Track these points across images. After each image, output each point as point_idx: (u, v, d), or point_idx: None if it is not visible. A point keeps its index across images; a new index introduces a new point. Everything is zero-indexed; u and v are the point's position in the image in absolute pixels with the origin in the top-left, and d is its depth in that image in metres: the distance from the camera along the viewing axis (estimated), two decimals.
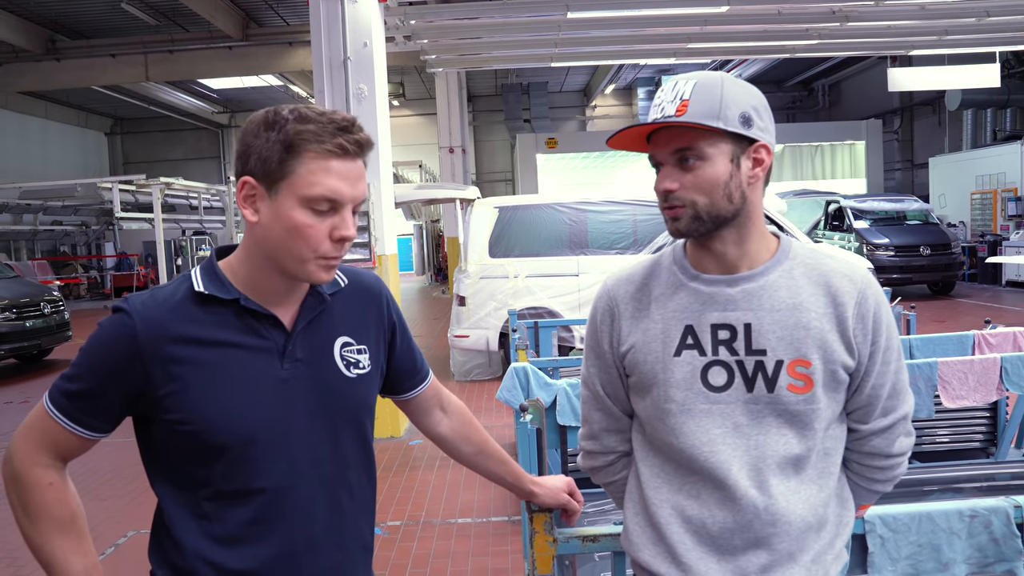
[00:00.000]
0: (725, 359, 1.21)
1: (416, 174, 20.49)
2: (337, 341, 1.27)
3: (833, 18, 9.16)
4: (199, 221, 20.42)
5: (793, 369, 1.18)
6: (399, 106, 23.72)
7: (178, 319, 1.16)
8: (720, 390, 1.21)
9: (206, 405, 1.15)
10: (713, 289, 1.23)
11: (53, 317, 9.90)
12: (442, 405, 1.50)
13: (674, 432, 1.23)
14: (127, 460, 5.41)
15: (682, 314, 1.24)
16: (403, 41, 9.35)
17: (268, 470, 1.19)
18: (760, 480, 1.19)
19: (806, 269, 1.23)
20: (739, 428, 1.20)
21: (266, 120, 1.14)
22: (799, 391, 1.18)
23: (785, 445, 1.19)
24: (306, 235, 1.13)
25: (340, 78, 5.66)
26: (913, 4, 8.72)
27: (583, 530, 1.53)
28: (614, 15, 9.24)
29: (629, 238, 7.55)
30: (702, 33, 9.85)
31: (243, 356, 1.18)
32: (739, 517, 1.20)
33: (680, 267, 1.28)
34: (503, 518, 4.17)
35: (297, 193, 1.12)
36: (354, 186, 1.15)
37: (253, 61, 15.94)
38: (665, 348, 1.24)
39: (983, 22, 9.30)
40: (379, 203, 5.76)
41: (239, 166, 1.17)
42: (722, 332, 1.21)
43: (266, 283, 1.20)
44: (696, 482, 1.23)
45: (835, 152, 19.57)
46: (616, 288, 1.34)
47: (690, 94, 1.18)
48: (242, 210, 1.15)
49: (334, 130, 1.13)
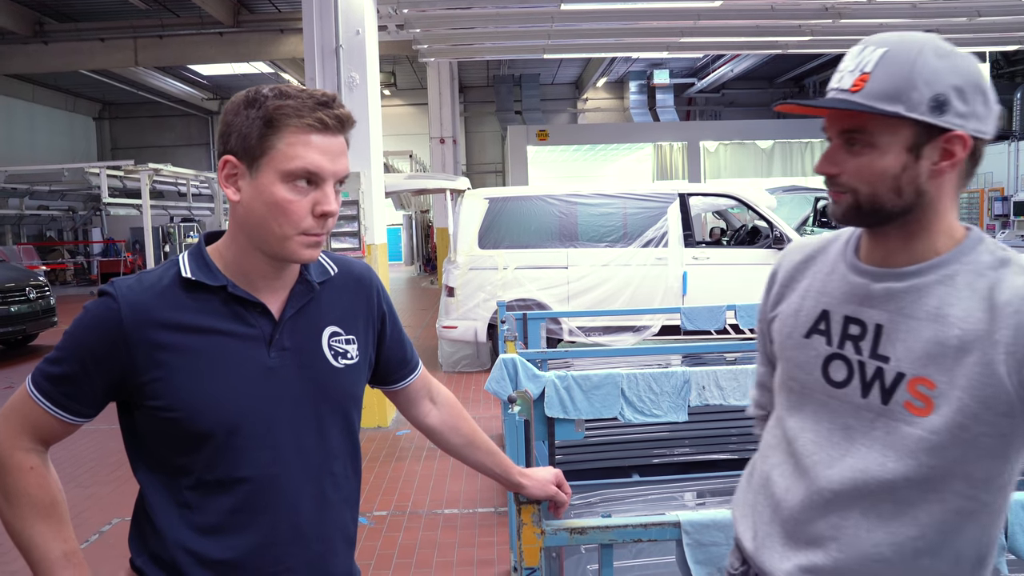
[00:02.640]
0: (848, 355, 1.11)
1: (407, 164, 20.41)
2: (325, 330, 1.25)
3: (826, 15, 9.17)
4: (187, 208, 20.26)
5: (914, 387, 1.03)
6: (390, 96, 23.60)
7: (164, 304, 1.15)
8: (838, 386, 1.12)
9: (191, 392, 1.14)
10: (858, 280, 1.12)
11: (38, 302, 9.82)
12: (431, 396, 1.49)
13: (791, 411, 1.19)
14: (111, 447, 5.39)
15: (823, 297, 1.16)
16: (395, 30, 9.30)
17: (252, 459, 1.17)
18: (845, 488, 1.08)
19: (975, 279, 1.03)
20: (848, 432, 1.10)
21: (247, 98, 1.13)
22: (918, 412, 1.03)
23: (883, 470, 1.05)
24: (287, 210, 1.12)
25: (332, 66, 5.62)
26: (905, 3, 8.75)
27: (571, 522, 1.53)
28: (607, 7, 9.22)
29: (619, 231, 7.55)
30: (695, 27, 9.84)
31: (229, 344, 1.17)
32: (814, 512, 1.12)
33: (848, 248, 1.18)
34: (490, 509, 4.18)
35: (277, 168, 1.11)
36: (335, 161, 1.14)
37: (244, 48, 15.80)
38: (799, 327, 1.18)
39: (974, 22, 9.34)
40: (369, 193, 5.74)
41: (221, 146, 1.16)
42: (853, 327, 1.12)
43: (253, 268, 1.19)
44: (793, 463, 1.16)
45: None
46: (786, 255, 1.28)
47: (873, 66, 1.01)
48: (224, 190, 1.15)
49: (314, 104, 1.12)
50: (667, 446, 3.73)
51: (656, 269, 7.43)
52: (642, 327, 7.30)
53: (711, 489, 3.42)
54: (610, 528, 1.57)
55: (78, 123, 24.24)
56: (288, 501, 1.20)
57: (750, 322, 5.94)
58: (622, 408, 3.03)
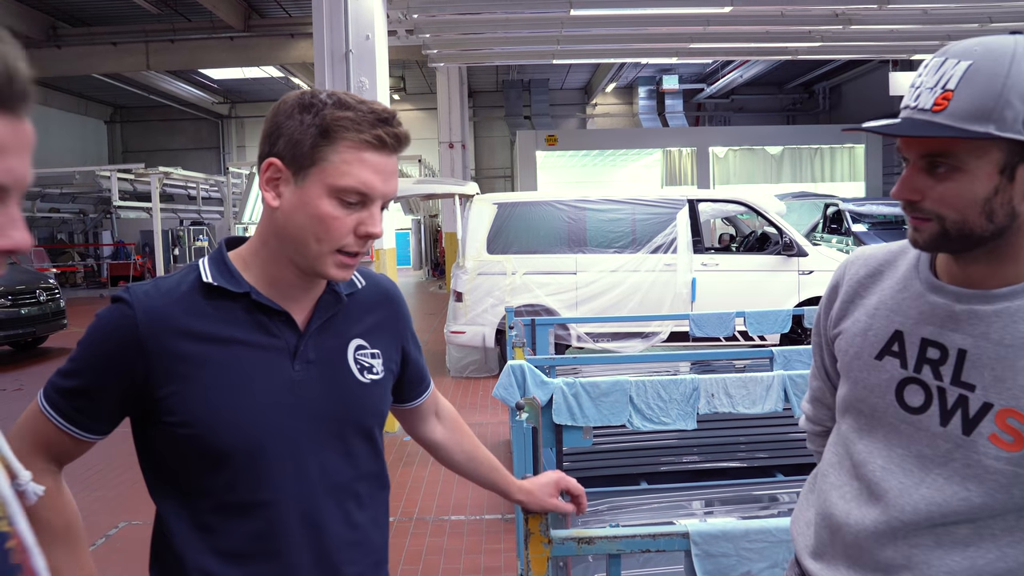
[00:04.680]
0: (927, 380, 1.04)
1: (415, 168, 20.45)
2: (351, 343, 1.19)
3: (836, 21, 9.14)
4: (197, 211, 20.38)
5: (1003, 420, 0.97)
6: (400, 100, 23.67)
7: (183, 311, 1.09)
8: (913, 411, 1.05)
9: (210, 407, 1.07)
10: (938, 300, 1.04)
11: (48, 305, 9.87)
12: (437, 411, 1.44)
13: (860, 434, 1.13)
14: (120, 450, 5.40)
15: (896, 316, 1.08)
16: (405, 35, 9.33)
17: (275, 480, 1.11)
18: (919, 518, 1.03)
19: None
20: (922, 460, 1.04)
21: (301, 102, 1.07)
22: (1005, 446, 0.96)
23: (964, 503, 1.00)
24: (330, 226, 1.06)
25: (342, 71, 5.64)
26: (916, 9, 8.72)
27: (578, 532, 1.52)
28: (617, 13, 9.22)
29: (628, 237, 7.54)
30: (704, 33, 9.83)
31: (252, 355, 1.10)
32: (884, 539, 1.07)
33: (921, 262, 1.09)
34: (496, 516, 4.17)
35: (327, 181, 1.05)
36: (386, 182, 1.08)
37: (255, 52, 15.90)
38: (869, 347, 1.11)
39: (985, 28, 9.29)
40: None
41: (265, 147, 1.09)
42: (932, 350, 1.04)
43: (280, 276, 1.13)
44: (857, 487, 1.11)
45: (834, 155, 19.56)
46: (849, 266, 1.19)
47: (957, 81, 0.91)
48: (263, 192, 1.08)
49: (374, 120, 1.06)
50: (675, 454, 3.71)
51: (665, 275, 7.41)
52: (651, 333, 7.28)
53: (720, 497, 3.40)
54: (618, 538, 1.56)
55: (90, 126, 24.41)
56: (313, 524, 1.13)
57: (759, 329, 5.92)
58: (630, 415, 3.01)
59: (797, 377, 3.08)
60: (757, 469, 3.64)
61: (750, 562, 1.55)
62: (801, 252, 7.46)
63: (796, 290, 7.42)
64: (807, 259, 7.45)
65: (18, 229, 0.59)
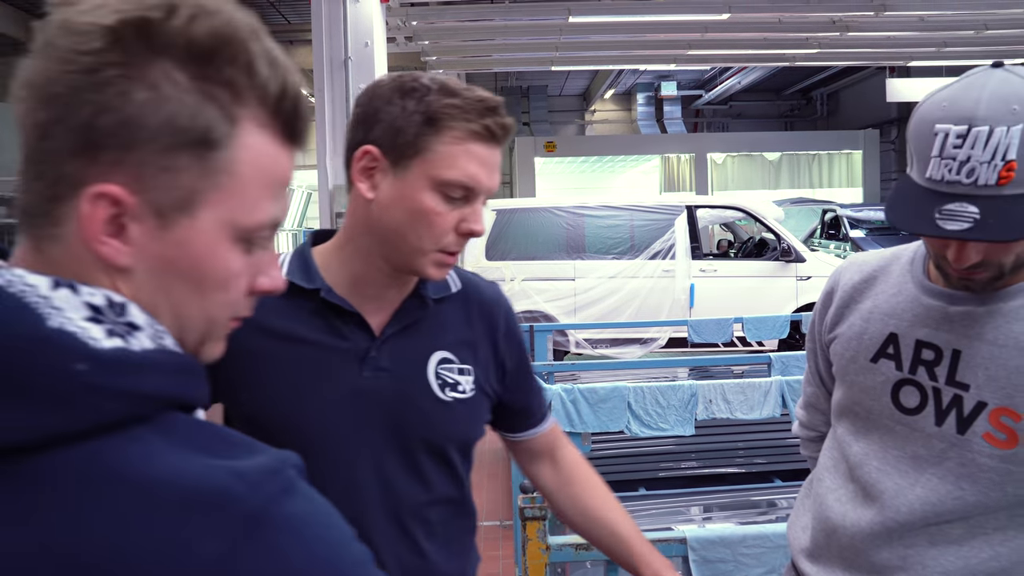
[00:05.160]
0: (921, 381, 1.06)
1: None
2: (434, 355, 1.07)
3: (833, 28, 9.18)
4: None
5: (997, 418, 0.99)
6: None
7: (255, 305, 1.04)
8: (909, 412, 1.07)
9: (268, 405, 1.03)
10: (933, 302, 1.06)
11: None
12: (554, 454, 1.25)
13: (856, 436, 1.15)
14: None
15: (891, 319, 1.10)
16: (404, 42, 9.36)
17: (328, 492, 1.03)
18: (915, 518, 1.05)
19: None
20: (917, 461, 1.06)
21: (402, 86, 0.98)
22: (999, 444, 0.99)
23: (959, 502, 1.03)
24: (432, 222, 0.98)
25: (340, 78, 5.66)
26: (912, 16, 8.76)
27: (576, 538, 1.53)
28: (615, 20, 9.26)
29: (626, 243, 7.56)
30: (702, 40, 9.87)
31: (317, 356, 1.03)
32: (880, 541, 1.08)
33: (914, 267, 1.11)
34: (495, 523, 4.16)
35: (430, 173, 0.96)
36: (491, 176, 1.00)
37: None
38: (864, 350, 1.12)
39: (981, 35, 9.33)
40: None
41: (359, 133, 1.00)
42: (926, 351, 1.06)
43: (364, 275, 1.04)
44: (854, 490, 1.13)
45: (832, 161, 19.62)
46: (843, 272, 1.21)
47: (1019, 149, 0.88)
48: (356, 183, 1.00)
49: (483, 109, 0.97)
50: (674, 460, 3.71)
51: (663, 281, 7.42)
52: (649, 339, 7.29)
53: (718, 503, 3.40)
54: None
55: None
56: (374, 550, 1.05)
57: (757, 335, 5.93)
58: (629, 421, 3.02)
59: (795, 383, 3.09)
60: (755, 474, 3.65)
61: (747, 567, 1.56)
62: (799, 258, 7.48)
63: (794, 296, 7.43)
64: (805, 265, 7.46)
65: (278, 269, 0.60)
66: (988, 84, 0.91)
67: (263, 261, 0.57)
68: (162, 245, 0.50)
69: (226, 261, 0.53)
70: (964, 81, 0.94)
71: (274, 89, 0.53)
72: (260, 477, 0.47)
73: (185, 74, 0.49)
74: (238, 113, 0.51)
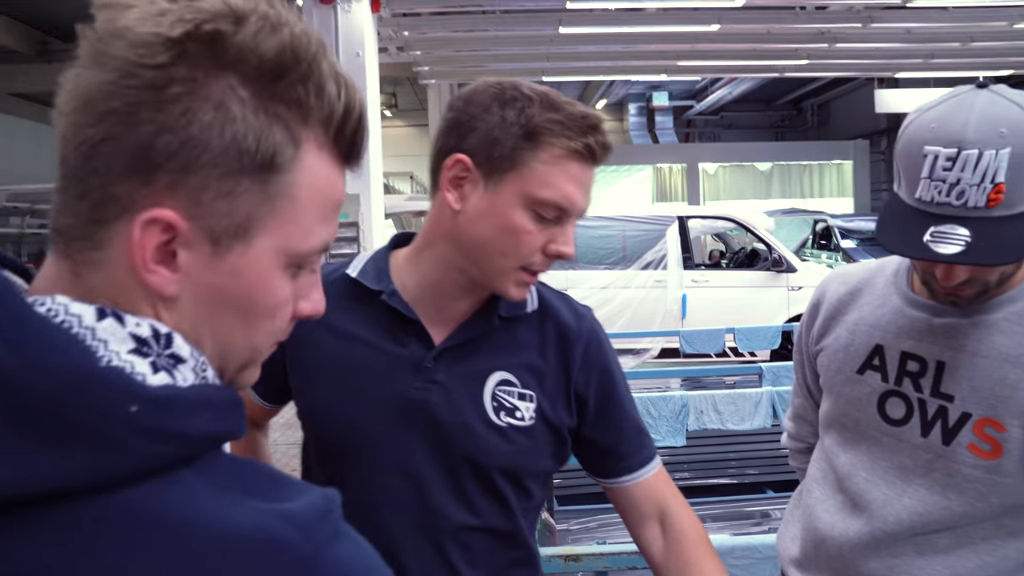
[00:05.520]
0: (907, 392, 1.07)
1: (407, 185, 20.53)
2: (493, 375, 1.01)
3: (822, 39, 9.26)
4: None
5: (981, 429, 1.00)
6: (391, 116, 23.76)
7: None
8: (895, 423, 1.08)
9: (320, 401, 1.02)
10: (916, 314, 1.07)
11: None
12: (663, 517, 1.10)
13: (843, 447, 1.15)
14: None
15: (876, 331, 1.11)
16: (396, 52, 9.38)
17: (365, 496, 1.00)
18: (902, 528, 1.06)
19: None
20: (904, 472, 1.07)
21: (501, 95, 0.93)
22: (983, 455, 1.00)
23: (946, 512, 1.03)
24: (520, 241, 0.93)
25: None
26: (899, 28, 8.84)
27: (566, 549, 1.53)
28: (605, 31, 9.30)
29: (618, 254, 7.58)
30: (692, 51, 9.93)
31: (372, 359, 1.00)
32: (868, 551, 1.09)
33: (899, 280, 1.13)
34: None
35: (524, 190, 0.92)
36: (586, 196, 0.95)
37: None
38: (851, 362, 1.13)
39: (967, 47, 9.42)
40: (368, 214, 5.76)
41: (451, 139, 0.95)
42: (911, 363, 1.07)
43: (436, 284, 1.00)
44: (842, 500, 1.14)
45: (823, 171, 19.74)
46: (828, 284, 1.22)
47: (1006, 172, 0.88)
48: (444, 192, 0.95)
49: (585, 127, 0.92)
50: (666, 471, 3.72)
51: (655, 292, 7.44)
52: (641, 350, 7.30)
53: (711, 514, 3.40)
54: (604, 555, 1.57)
55: None
56: (404, 567, 0.98)
57: (749, 345, 5.95)
58: None
59: (786, 393, 3.10)
60: (748, 486, 3.66)
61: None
62: (790, 268, 7.51)
63: (786, 306, 7.46)
64: (796, 275, 7.49)
65: (320, 292, 0.57)
66: (975, 106, 0.91)
67: (307, 284, 0.54)
68: (213, 274, 0.47)
69: (277, 289, 0.50)
70: (951, 102, 0.94)
71: (340, 109, 0.50)
72: (311, 522, 0.43)
73: (251, 92, 0.46)
74: (303, 135, 0.48)
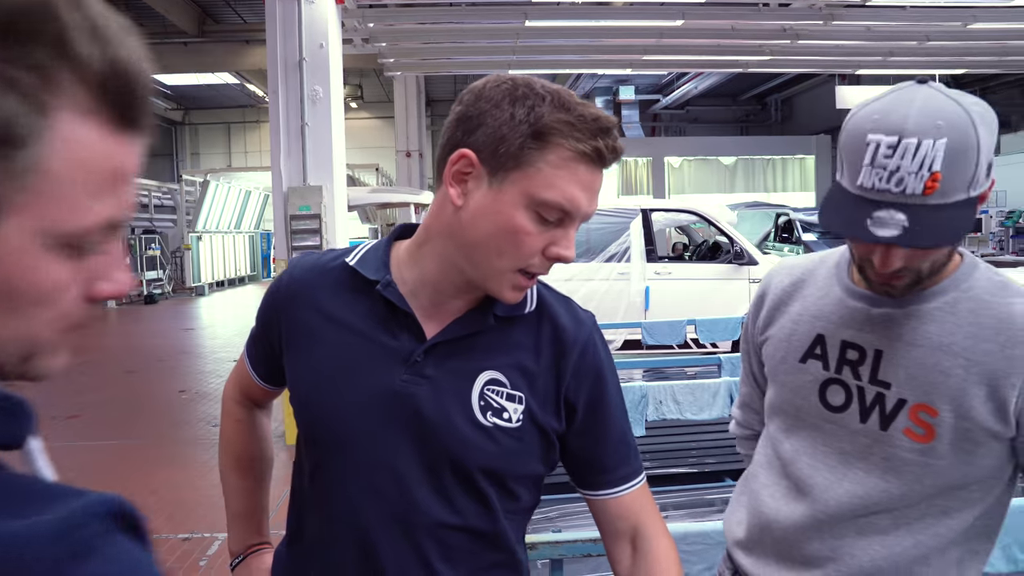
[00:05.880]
0: (846, 380, 1.12)
1: (373, 177, 20.37)
2: (483, 374, 0.99)
3: (784, 36, 9.38)
4: (149, 219, 19.98)
5: (915, 413, 1.05)
6: (357, 108, 23.55)
7: (321, 286, 1.02)
8: (835, 410, 1.13)
9: (309, 386, 1.02)
10: (856, 304, 1.12)
11: None
12: (635, 536, 1.07)
13: (786, 434, 1.20)
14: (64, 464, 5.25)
15: (818, 321, 1.15)
16: (361, 43, 9.30)
17: (346, 483, 0.99)
18: (844, 510, 1.11)
19: (978, 305, 1.04)
20: (844, 456, 1.12)
21: (512, 92, 0.90)
22: (918, 439, 1.05)
23: (885, 494, 1.08)
24: (520, 242, 0.91)
25: (295, 79, 5.61)
26: (859, 26, 9.00)
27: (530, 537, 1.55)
28: (571, 25, 9.33)
29: (582, 246, 7.62)
30: (658, 45, 10.00)
31: (363, 348, 0.99)
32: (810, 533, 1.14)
33: (840, 271, 1.17)
34: None
35: (528, 191, 0.89)
36: (591, 201, 0.93)
37: (209, 58, 15.70)
38: (794, 351, 1.18)
39: (923, 45, 9.62)
40: (331, 206, 5.72)
41: (457, 133, 0.92)
42: (851, 351, 1.11)
43: (435, 278, 0.98)
44: (787, 486, 1.18)
45: (786, 166, 20.03)
46: (773, 276, 1.27)
47: (942, 162, 0.92)
48: (447, 186, 0.93)
49: (596, 129, 0.89)
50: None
51: (619, 284, 7.50)
52: None
53: (672, 503, 3.46)
54: (560, 543, 1.59)
55: None
56: (366, 545, 0.98)
57: (710, 336, 6.03)
58: None
59: None
60: (707, 474, 3.72)
61: (689, 564, 1.59)
62: (751, 261, 7.63)
63: (747, 298, 7.57)
64: (757, 268, 7.61)
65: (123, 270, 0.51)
66: (915, 100, 0.95)
67: (103, 264, 0.49)
68: None
69: (43, 273, 0.45)
70: (893, 95, 0.98)
71: (103, 67, 0.43)
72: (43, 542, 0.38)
73: None
74: (50, 101, 0.42)
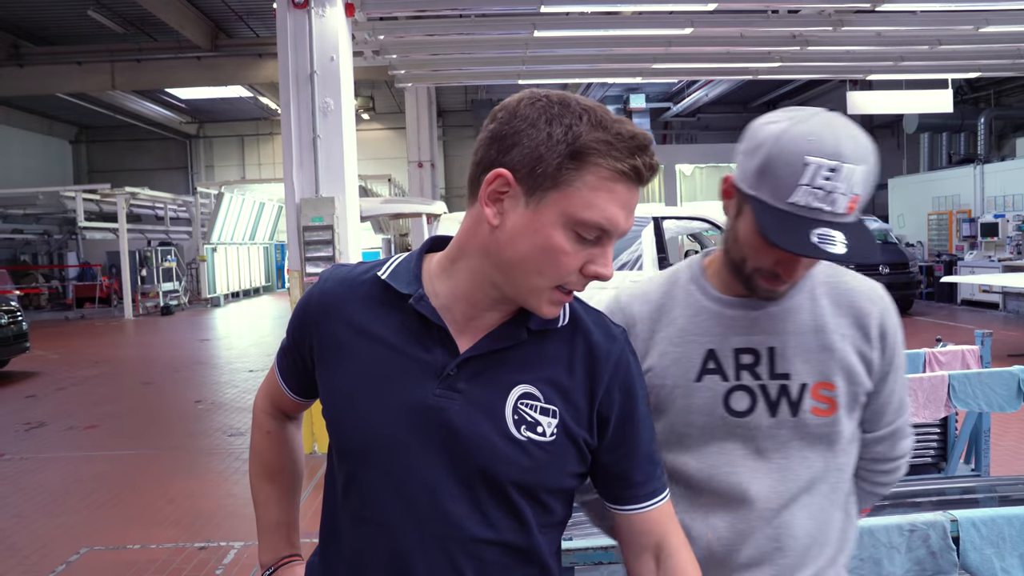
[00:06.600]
0: (748, 384, 1.18)
1: (385, 188, 20.49)
2: (516, 388, 0.98)
3: (794, 42, 9.38)
4: (165, 232, 20.18)
5: (817, 392, 1.17)
6: (369, 119, 23.71)
7: (353, 299, 1.02)
8: (743, 415, 1.18)
9: (342, 400, 1.01)
10: (735, 312, 1.19)
11: (10, 328, 9.68)
12: (659, 552, 1.05)
13: (693, 454, 1.21)
14: (81, 474, 5.31)
15: (703, 338, 1.19)
16: (372, 56, 9.38)
17: (378, 498, 0.99)
18: (775, 499, 1.17)
19: (828, 290, 1.20)
20: (761, 452, 1.18)
21: (547, 110, 0.89)
22: (823, 414, 1.17)
23: (808, 468, 1.18)
24: (558, 261, 0.91)
25: (307, 92, 5.68)
26: (870, 31, 8.97)
27: None
28: (579, 35, 9.37)
29: None
30: (667, 54, 10.02)
31: (396, 362, 0.98)
32: (746, 535, 1.18)
33: (699, 287, 1.23)
34: None
35: (566, 211, 0.89)
36: (629, 218, 0.92)
37: (222, 72, 15.86)
38: (685, 373, 1.19)
39: (935, 50, 9.59)
40: (344, 217, 5.77)
41: (491, 152, 0.92)
42: (745, 356, 1.18)
43: (469, 293, 0.98)
44: (707, 503, 1.20)
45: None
46: (631, 305, 1.26)
47: (861, 186, 1.03)
48: (483, 206, 0.92)
49: (633, 148, 0.89)
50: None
51: None
52: None
53: None
54: (572, 551, 1.60)
55: (54, 146, 24.10)
56: (401, 562, 0.98)
57: None
58: None
59: None
60: None
61: None
62: None
63: None
64: None
65: None
66: (837, 125, 1.04)
67: None
68: None
69: None
70: (817, 119, 1.04)
71: None
72: None
73: None
74: None
